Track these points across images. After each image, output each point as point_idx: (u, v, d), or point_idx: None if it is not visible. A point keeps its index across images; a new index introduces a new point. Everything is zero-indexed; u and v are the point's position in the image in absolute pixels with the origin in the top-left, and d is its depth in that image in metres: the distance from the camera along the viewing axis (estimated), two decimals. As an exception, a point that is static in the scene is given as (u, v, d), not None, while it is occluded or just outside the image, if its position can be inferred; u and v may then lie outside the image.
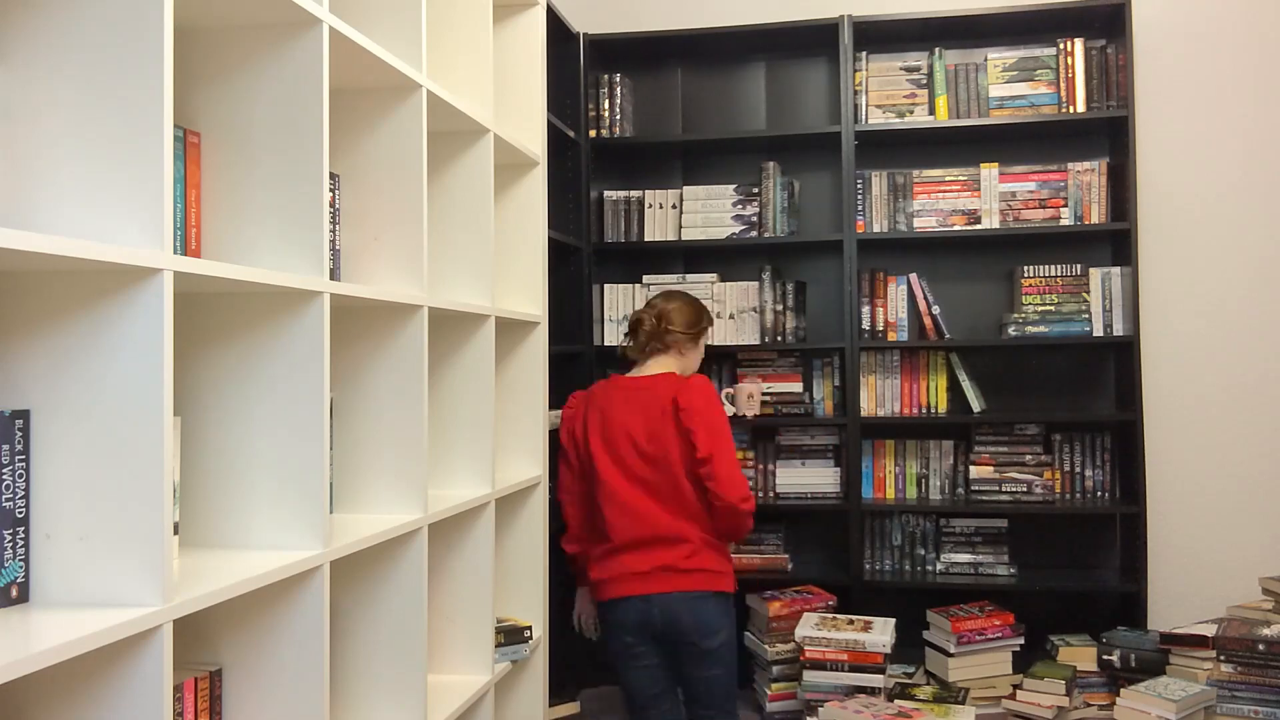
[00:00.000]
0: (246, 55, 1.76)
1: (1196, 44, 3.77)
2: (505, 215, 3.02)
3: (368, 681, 2.14)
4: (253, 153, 1.74)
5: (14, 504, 1.37)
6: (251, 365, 1.76)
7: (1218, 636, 3.13)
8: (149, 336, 1.37)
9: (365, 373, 2.18)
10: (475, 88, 2.61)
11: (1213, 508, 3.73)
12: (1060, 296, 3.65)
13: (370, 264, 2.17)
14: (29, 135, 1.39)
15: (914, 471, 3.80)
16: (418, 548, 2.15)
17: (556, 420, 3.32)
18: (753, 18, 4.04)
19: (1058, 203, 3.70)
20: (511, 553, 2.97)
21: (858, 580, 3.68)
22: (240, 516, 1.76)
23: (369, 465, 2.17)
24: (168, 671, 1.35)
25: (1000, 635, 3.44)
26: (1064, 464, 3.71)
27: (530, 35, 3.04)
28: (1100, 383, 3.79)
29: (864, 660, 3.25)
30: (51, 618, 1.31)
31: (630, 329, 3.02)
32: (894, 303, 3.77)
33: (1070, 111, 3.67)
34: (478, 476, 2.60)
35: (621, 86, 3.93)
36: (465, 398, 2.60)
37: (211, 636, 1.74)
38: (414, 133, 2.17)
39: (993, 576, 3.66)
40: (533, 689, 2.96)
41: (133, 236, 1.36)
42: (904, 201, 3.79)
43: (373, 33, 2.17)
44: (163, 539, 1.37)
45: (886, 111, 3.80)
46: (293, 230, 1.73)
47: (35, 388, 1.40)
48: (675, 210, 3.93)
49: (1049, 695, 3.23)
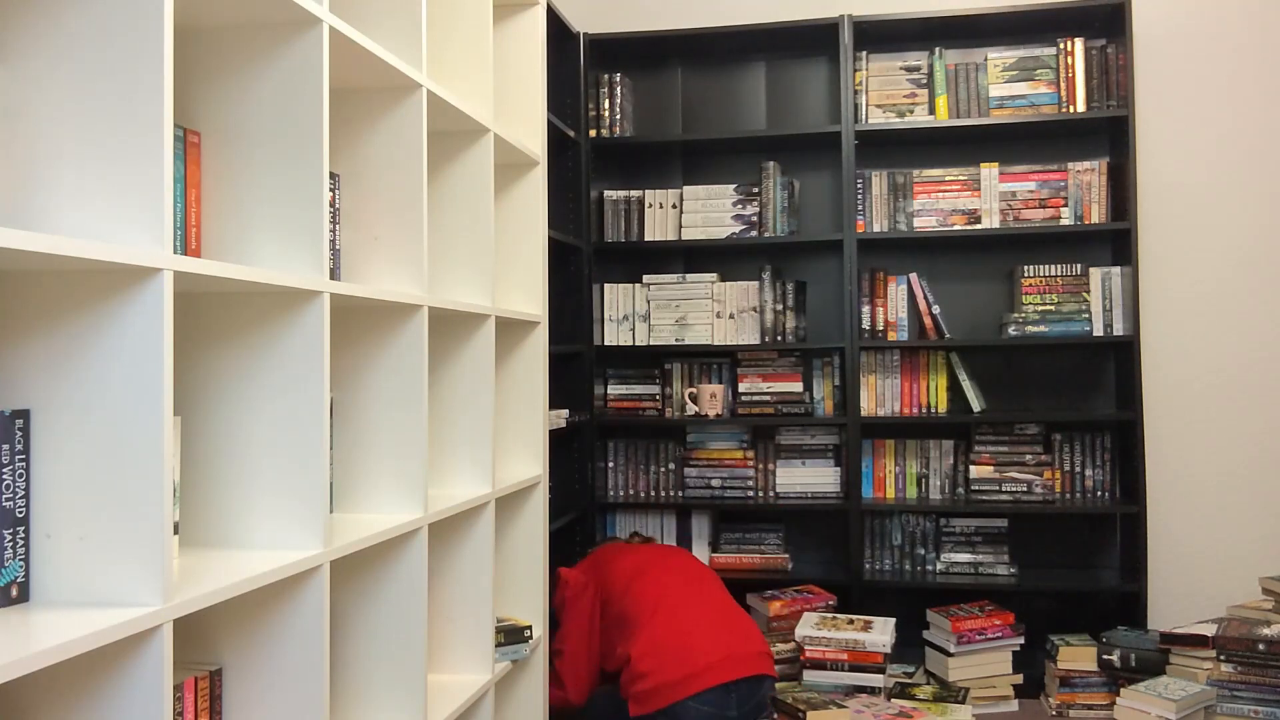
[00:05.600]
0: (246, 55, 1.76)
1: (1196, 44, 3.77)
2: (505, 215, 3.02)
3: (368, 681, 2.14)
4: (253, 153, 1.74)
5: (14, 504, 1.37)
6: (251, 365, 1.75)
7: (1218, 636, 3.13)
8: (149, 336, 1.37)
9: (365, 373, 2.18)
10: (475, 87, 2.61)
11: (1213, 507, 3.73)
12: (1060, 296, 3.65)
13: (370, 264, 2.17)
14: (29, 135, 1.39)
15: (914, 471, 3.80)
16: (418, 547, 2.15)
17: (556, 420, 3.32)
18: (753, 18, 4.04)
19: (1058, 202, 3.70)
20: (511, 553, 2.97)
21: (858, 580, 3.68)
22: (240, 516, 1.76)
23: (369, 465, 2.17)
24: (168, 671, 1.35)
25: (1000, 635, 3.44)
26: (1064, 464, 3.71)
27: (530, 35, 3.04)
28: (1100, 382, 3.79)
29: (864, 660, 3.25)
30: (51, 618, 1.30)
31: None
32: (894, 302, 3.77)
33: (1070, 111, 3.67)
34: (478, 476, 2.60)
35: (621, 86, 3.93)
36: (465, 398, 2.60)
37: (211, 636, 1.74)
38: (414, 132, 2.17)
39: (993, 576, 3.66)
40: (533, 689, 2.96)
41: (133, 236, 1.36)
42: (904, 201, 3.79)
43: (373, 33, 2.17)
44: (163, 539, 1.37)
45: (886, 111, 3.80)
46: (293, 230, 1.73)
47: (35, 388, 1.40)
48: (675, 210, 3.93)
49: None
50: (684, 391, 3.94)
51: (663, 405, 3.95)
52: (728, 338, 3.87)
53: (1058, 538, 3.80)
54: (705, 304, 3.89)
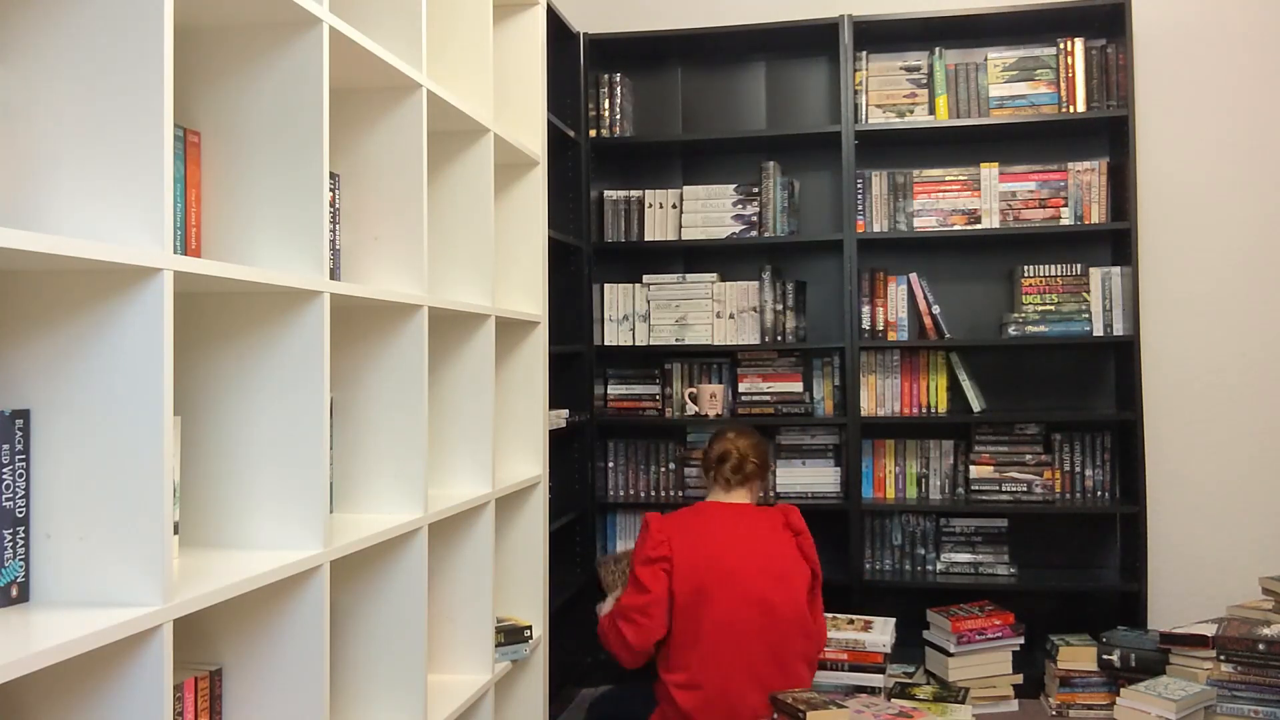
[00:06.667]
0: (246, 55, 1.76)
1: (1196, 44, 3.77)
2: (505, 215, 3.02)
3: (368, 681, 2.14)
4: (253, 153, 1.74)
5: (14, 504, 1.37)
6: (251, 365, 1.75)
7: (1218, 636, 3.13)
8: (149, 336, 1.37)
9: (365, 373, 2.18)
10: (475, 87, 2.61)
11: (1213, 508, 3.73)
12: (1060, 296, 3.65)
13: (370, 264, 2.17)
14: (29, 135, 1.39)
15: (914, 471, 3.80)
16: (418, 547, 2.15)
17: (556, 420, 3.32)
18: (753, 18, 4.04)
19: (1058, 202, 3.70)
20: (511, 553, 2.97)
21: (858, 580, 3.68)
22: (240, 516, 1.76)
23: (369, 465, 2.17)
24: (168, 671, 1.35)
25: (1000, 635, 3.45)
26: (1064, 464, 3.71)
27: (530, 35, 3.04)
28: (1100, 382, 3.79)
29: (864, 660, 3.25)
30: (51, 617, 1.30)
31: (717, 460, 2.81)
32: (894, 302, 3.77)
33: (1070, 111, 3.67)
34: (478, 476, 2.60)
35: (621, 86, 3.93)
36: (465, 398, 2.60)
37: (211, 636, 1.74)
38: (414, 132, 2.17)
39: (993, 576, 3.66)
40: (533, 689, 2.96)
41: (133, 236, 1.36)
42: (904, 201, 3.79)
43: (373, 33, 2.17)
44: (163, 539, 1.37)
45: (886, 111, 3.80)
46: (293, 230, 1.73)
47: (35, 388, 1.40)
48: (675, 210, 3.93)
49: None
50: (684, 391, 3.94)
51: (663, 405, 3.95)
52: (728, 338, 3.87)
53: (1058, 538, 3.80)
54: (705, 304, 3.89)
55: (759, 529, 2.73)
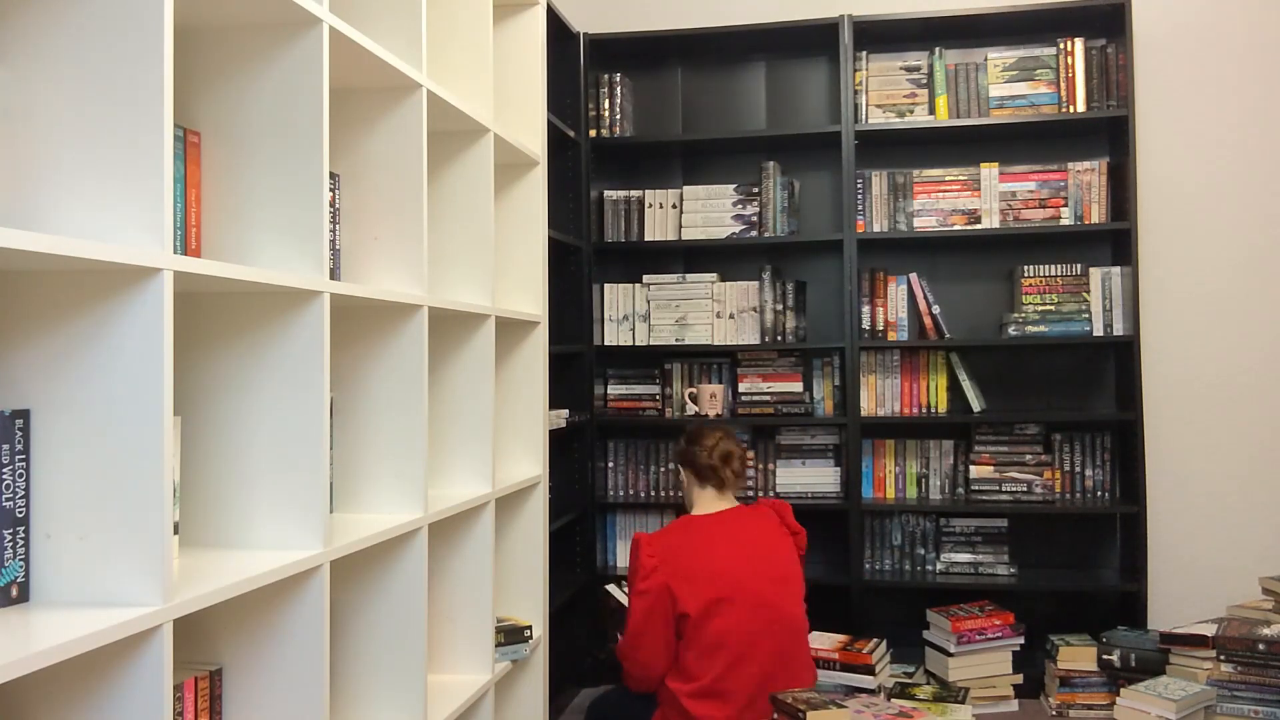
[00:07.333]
0: (246, 55, 1.76)
1: (1196, 44, 3.77)
2: (505, 215, 3.02)
3: (368, 681, 2.14)
4: (253, 153, 1.74)
5: (14, 504, 1.37)
6: (251, 365, 1.75)
7: (1218, 636, 3.13)
8: (149, 336, 1.37)
9: (365, 373, 2.18)
10: (475, 87, 2.61)
11: (1213, 508, 3.73)
12: (1060, 296, 3.65)
13: (370, 264, 2.17)
14: (29, 135, 1.39)
15: (914, 471, 3.80)
16: (418, 547, 2.15)
17: (556, 420, 3.32)
18: (753, 18, 4.04)
19: (1058, 202, 3.70)
20: (511, 553, 2.97)
21: (858, 580, 3.68)
22: (240, 516, 1.76)
23: (369, 465, 2.17)
24: (168, 671, 1.35)
25: (1000, 635, 3.45)
26: (1064, 464, 3.71)
27: (530, 35, 3.04)
28: (1100, 382, 3.79)
29: (853, 661, 3.28)
30: (51, 617, 1.30)
31: (721, 461, 2.80)
32: (894, 302, 3.77)
33: (1070, 111, 3.67)
34: (478, 476, 2.60)
35: (621, 86, 3.93)
36: (465, 398, 2.60)
37: (211, 636, 1.74)
38: (414, 132, 2.17)
39: (993, 576, 3.66)
40: (533, 689, 2.96)
41: (133, 236, 1.36)
42: (904, 201, 3.79)
43: (373, 33, 2.17)
44: (163, 539, 1.37)
45: (886, 111, 3.80)
46: (293, 230, 1.73)
47: (35, 388, 1.40)
48: (675, 210, 3.93)
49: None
50: (684, 391, 3.94)
51: (663, 405, 3.95)
52: (728, 338, 3.87)
53: (1058, 538, 3.80)
54: (705, 304, 3.89)
55: (759, 533, 2.75)
